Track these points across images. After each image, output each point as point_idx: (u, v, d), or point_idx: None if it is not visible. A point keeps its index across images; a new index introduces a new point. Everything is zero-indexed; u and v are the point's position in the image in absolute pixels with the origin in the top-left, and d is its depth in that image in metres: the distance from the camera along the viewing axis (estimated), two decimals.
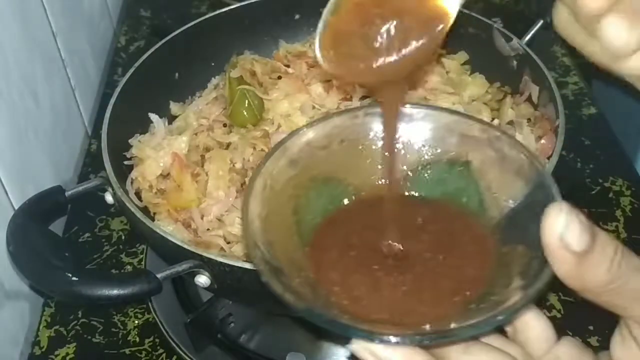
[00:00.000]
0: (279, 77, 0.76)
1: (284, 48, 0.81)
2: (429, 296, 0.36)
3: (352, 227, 0.41)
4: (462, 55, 0.79)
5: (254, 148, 0.68)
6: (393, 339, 0.31)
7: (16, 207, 0.60)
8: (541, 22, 0.75)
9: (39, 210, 0.58)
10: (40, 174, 0.76)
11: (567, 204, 0.30)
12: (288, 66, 0.77)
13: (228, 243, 0.63)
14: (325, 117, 0.43)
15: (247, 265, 0.52)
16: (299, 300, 0.33)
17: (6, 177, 0.66)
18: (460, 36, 0.78)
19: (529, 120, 0.70)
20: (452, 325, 0.32)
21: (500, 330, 0.37)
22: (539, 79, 0.69)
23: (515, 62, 0.74)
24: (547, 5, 0.73)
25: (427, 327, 0.33)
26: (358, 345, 0.32)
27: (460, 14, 0.39)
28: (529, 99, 0.72)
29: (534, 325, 0.36)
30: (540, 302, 0.68)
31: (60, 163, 0.83)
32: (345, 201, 0.42)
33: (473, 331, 0.32)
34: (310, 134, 0.41)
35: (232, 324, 0.67)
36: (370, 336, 0.31)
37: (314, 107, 0.72)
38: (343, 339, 0.32)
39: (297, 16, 0.85)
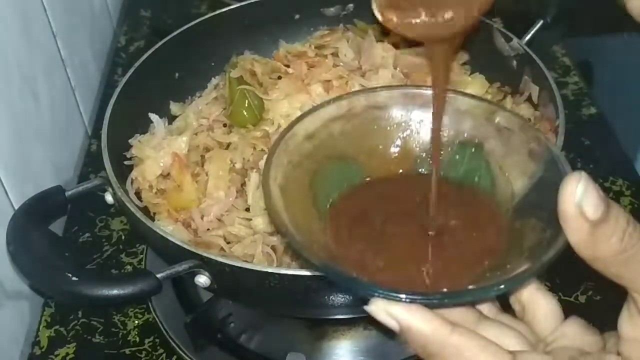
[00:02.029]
0: (279, 77, 0.76)
1: (284, 48, 0.81)
2: (446, 266, 0.37)
3: (368, 204, 0.42)
4: (462, 55, 0.79)
5: (254, 148, 0.68)
6: (412, 297, 0.32)
7: (16, 207, 0.60)
8: (541, 22, 0.75)
9: (39, 210, 0.58)
10: (40, 174, 0.76)
11: (585, 173, 0.30)
12: (288, 66, 0.77)
13: (228, 243, 0.63)
14: (343, 96, 0.44)
15: (247, 265, 0.52)
16: (319, 258, 0.34)
17: (6, 177, 0.67)
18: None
19: (529, 120, 0.70)
20: (469, 287, 0.33)
21: (508, 309, 0.38)
22: (539, 79, 0.69)
23: (515, 62, 0.74)
24: (547, 5, 0.74)
25: (445, 290, 0.34)
26: (376, 307, 0.33)
27: None
28: (529, 99, 0.72)
29: (541, 304, 0.37)
30: None
31: (60, 163, 0.83)
32: (360, 179, 0.43)
33: (487, 293, 0.33)
34: (327, 111, 0.43)
35: (232, 324, 0.67)
36: (389, 294, 0.32)
37: None
38: (359, 305, 0.32)
39: (297, 16, 0.85)
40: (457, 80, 0.75)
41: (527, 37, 0.73)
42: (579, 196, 0.30)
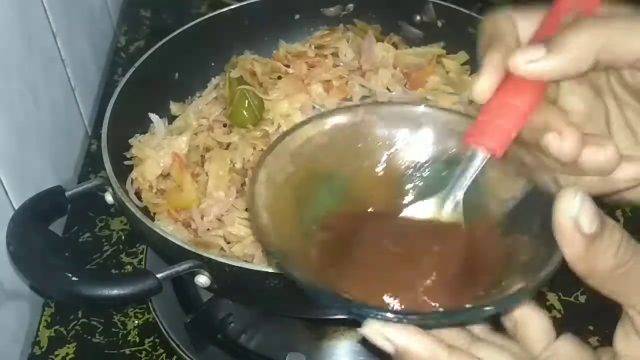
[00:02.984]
0: (279, 77, 0.76)
1: (284, 48, 0.81)
2: (440, 285, 0.36)
3: (357, 222, 0.41)
4: (462, 55, 0.79)
5: (254, 148, 0.68)
6: (408, 317, 0.31)
7: (16, 207, 0.60)
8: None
9: (39, 210, 0.58)
10: (40, 174, 0.76)
11: (580, 188, 0.30)
12: (288, 66, 0.77)
13: (228, 243, 0.63)
14: (326, 113, 0.43)
15: (247, 265, 0.52)
16: (313, 281, 0.34)
17: (6, 177, 0.66)
18: (460, 36, 0.78)
19: None
20: (465, 306, 0.33)
21: (500, 327, 0.38)
22: None
23: None
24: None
25: (440, 310, 0.34)
26: (371, 329, 0.32)
27: (460, 14, 0.40)
28: None
29: (533, 322, 0.37)
30: (539, 301, 0.68)
31: (60, 163, 0.83)
32: (346, 197, 0.42)
33: (484, 312, 0.32)
34: (311, 129, 0.42)
35: (232, 324, 0.67)
36: (384, 314, 0.31)
37: (314, 107, 0.72)
38: (351, 328, 0.32)
39: (297, 16, 0.85)
40: (457, 80, 0.75)
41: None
42: (575, 211, 0.30)
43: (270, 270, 0.51)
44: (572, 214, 0.30)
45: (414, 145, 0.43)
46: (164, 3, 1.17)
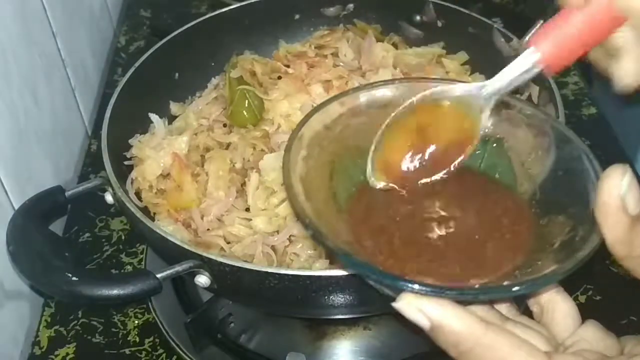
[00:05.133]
0: (279, 77, 0.76)
1: (284, 48, 0.81)
2: (472, 264, 0.36)
3: (389, 197, 0.41)
4: (462, 55, 0.79)
5: (254, 148, 0.68)
6: (449, 291, 0.31)
7: (16, 207, 0.60)
8: (541, 22, 0.74)
9: (39, 210, 0.58)
10: (40, 174, 0.76)
11: (628, 166, 0.30)
12: (288, 66, 0.77)
13: (228, 243, 0.63)
14: (360, 88, 0.44)
15: (247, 265, 0.52)
16: (349, 254, 0.33)
17: (6, 177, 0.67)
18: (460, 36, 0.78)
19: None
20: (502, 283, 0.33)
21: (526, 311, 0.38)
22: (539, 79, 0.69)
23: None
24: (547, 6, 0.74)
25: (477, 285, 0.34)
26: (407, 302, 0.31)
27: (460, 14, 0.40)
28: (529, 99, 0.72)
29: (560, 307, 0.36)
30: None
31: (60, 163, 0.83)
32: None
33: (519, 290, 0.32)
34: (345, 104, 0.42)
35: (232, 324, 0.67)
36: (423, 288, 0.31)
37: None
38: (385, 300, 0.31)
39: (297, 16, 0.85)
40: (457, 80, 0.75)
41: (527, 37, 0.73)
42: (624, 189, 0.29)
43: (270, 270, 0.51)
44: (622, 191, 0.29)
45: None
46: (164, 3, 1.17)
